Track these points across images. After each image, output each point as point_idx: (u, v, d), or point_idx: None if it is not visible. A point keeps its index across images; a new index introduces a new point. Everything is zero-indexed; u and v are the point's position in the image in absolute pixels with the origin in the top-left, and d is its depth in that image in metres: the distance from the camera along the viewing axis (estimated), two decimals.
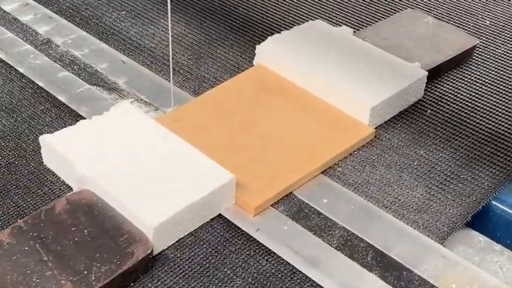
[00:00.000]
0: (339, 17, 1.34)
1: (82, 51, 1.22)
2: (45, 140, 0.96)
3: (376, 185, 0.97)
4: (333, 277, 0.85)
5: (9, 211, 0.92)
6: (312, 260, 0.86)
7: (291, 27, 1.23)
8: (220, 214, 0.93)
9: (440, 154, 1.03)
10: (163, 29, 1.29)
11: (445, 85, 1.17)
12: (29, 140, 1.03)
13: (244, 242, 0.89)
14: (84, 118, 1.05)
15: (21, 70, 1.17)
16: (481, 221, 0.95)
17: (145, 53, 1.22)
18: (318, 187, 0.97)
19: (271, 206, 0.94)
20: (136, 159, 0.93)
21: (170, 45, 1.00)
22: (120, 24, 1.30)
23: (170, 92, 1.07)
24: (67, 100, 1.11)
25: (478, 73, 1.20)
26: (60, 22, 1.30)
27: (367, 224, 0.91)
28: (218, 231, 0.91)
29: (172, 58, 1.20)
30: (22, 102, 1.10)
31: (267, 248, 0.88)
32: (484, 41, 1.28)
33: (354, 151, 1.03)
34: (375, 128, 1.06)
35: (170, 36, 1.00)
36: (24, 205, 0.93)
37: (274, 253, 0.87)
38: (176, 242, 0.89)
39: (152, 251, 0.85)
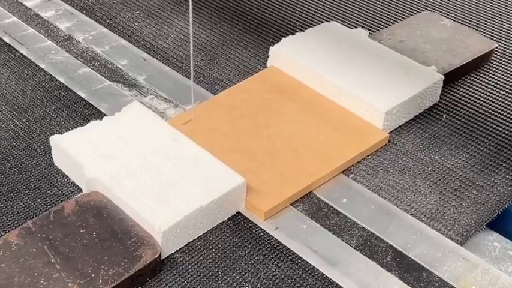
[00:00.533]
0: (355, 18, 1.33)
1: (103, 47, 1.23)
2: (55, 140, 0.96)
3: (389, 191, 0.95)
4: (352, 277, 0.84)
5: (19, 211, 0.92)
6: (332, 260, 0.86)
7: (306, 29, 1.22)
8: (229, 218, 0.92)
9: (456, 160, 1.01)
10: (178, 29, 1.28)
11: (461, 89, 1.15)
12: (40, 140, 1.03)
13: (254, 247, 0.88)
14: (104, 114, 1.06)
15: (42, 66, 1.18)
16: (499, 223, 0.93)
17: (162, 52, 1.23)
18: (337, 186, 0.96)
19: (290, 204, 0.93)
20: (146, 161, 0.93)
21: (191, 42, 1.00)
22: (134, 24, 1.30)
23: (189, 90, 1.07)
24: (87, 96, 1.11)
25: (496, 77, 1.18)
26: (81, 18, 1.31)
27: (386, 224, 0.91)
28: (227, 235, 0.89)
29: (186, 59, 1.20)
30: (34, 102, 1.10)
31: (276, 252, 0.87)
32: (502, 45, 1.25)
33: (367, 156, 1.01)
34: (389, 133, 1.04)
35: (192, 33, 1.00)
36: (34, 206, 0.92)
37: (284, 258, 0.86)
38: (185, 245, 0.88)
39: (160, 254, 0.84)
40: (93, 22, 1.29)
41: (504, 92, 1.14)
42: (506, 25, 1.31)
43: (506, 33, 1.29)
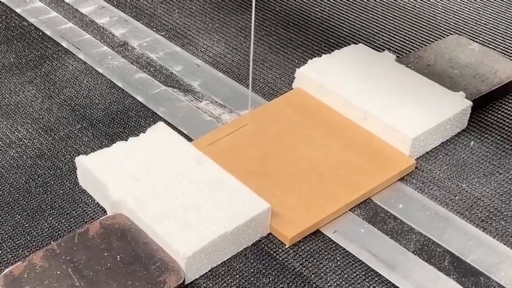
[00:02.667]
0: (382, 41, 1.32)
1: (157, 53, 1.26)
2: (80, 161, 0.96)
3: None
4: (411, 279, 0.86)
5: (43, 232, 0.92)
6: (390, 263, 0.88)
7: (332, 50, 1.21)
8: (254, 243, 0.91)
9: (484, 188, 1.00)
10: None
11: (490, 115, 1.13)
12: (65, 159, 1.03)
13: (278, 274, 0.87)
14: (160, 117, 1.10)
15: (100, 70, 1.21)
16: None
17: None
18: (393, 192, 0.98)
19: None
20: (170, 184, 0.92)
21: (252, 51, 1.01)
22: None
23: (243, 96, 1.09)
24: (144, 100, 1.14)
25: None
26: (135, 25, 1.34)
27: (443, 230, 0.92)
28: (251, 261, 0.89)
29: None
30: (60, 121, 1.11)
31: (300, 281, 0.86)
32: None
33: (393, 183, 1.00)
34: (416, 159, 1.03)
35: (252, 42, 1.03)
36: (58, 226, 0.92)
37: (308, 286, 0.85)
38: (208, 271, 0.87)
39: (184, 280, 0.83)
40: (147, 29, 1.33)
41: None
42: None
43: None
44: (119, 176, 0.93)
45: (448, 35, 1.31)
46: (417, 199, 0.97)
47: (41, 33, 1.31)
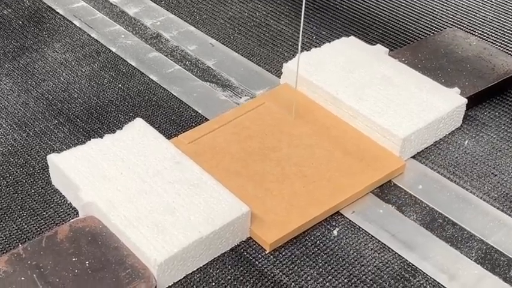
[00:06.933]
0: (374, 34, 1.26)
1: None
2: (52, 159, 0.91)
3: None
4: (431, 261, 0.85)
5: (11, 234, 0.87)
6: (410, 244, 0.87)
7: (323, 43, 1.16)
8: (232, 248, 0.86)
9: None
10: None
11: (486, 113, 1.08)
12: (38, 157, 0.98)
13: (256, 281, 0.82)
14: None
15: (133, 63, 1.17)
16: None
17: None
18: (413, 173, 0.96)
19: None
20: (145, 184, 0.88)
21: (300, 47, 0.96)
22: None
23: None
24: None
25: None
26: (168, 16, 1.30)
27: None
28: (229, 267, 0.84)
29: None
30: (36, 116, 1.06)
31: (279, 287, 0.82)
32: None
33: (381, 185, 0.95)
34: (407, 160, 0.98)
35: (300, 38, 0.97)
36: (27, 228, 0.88)
37: None
38: (183, 278, 0.83)
39: None
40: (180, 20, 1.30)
41: None
42: None
43: None
44: (91, 176, 0.88)
45: (445, 28, 1.26)
46: (436, 180, 0.95)
47: (20, 23, 1.27)
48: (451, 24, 1.28)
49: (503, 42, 1.23)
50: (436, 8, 1.32)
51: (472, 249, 0.86)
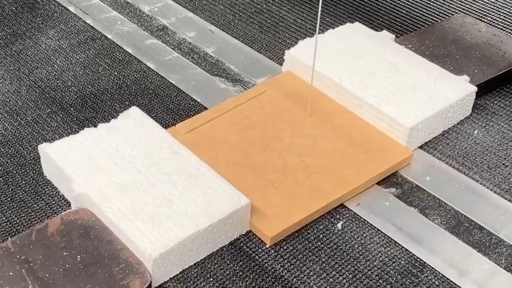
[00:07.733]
0: (380, 20, 1.22)
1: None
2: (44, 149, 0.88)
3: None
4: (440, 256, 0.81)
5: (0, 227, 0.83)
6: (417, 237, 0.84)
7: (326, 30, 1.11)
8: (231, 241, 0.82)
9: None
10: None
11: (496, 102, 1.04)
12: (30, 147, 0.95)
13: (256, 277, 0.79)
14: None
15: (147, 63, 1.12)
16: None
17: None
18: (420, 164, 0.93)
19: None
20: (141, 176, 0.84)
21: (316, 47, 0.92)
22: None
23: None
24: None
25: None
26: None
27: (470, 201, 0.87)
28: (228, 262, 0.80)
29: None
30: (28, 104, 1.02)
31: (280, 285, 0.78)
32: None
33: (387, 177, 0.91)
34: (414, 150, 0.94)
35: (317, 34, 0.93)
36: (17, 221, 0.84)
37: None
38: (179, 273, 0.79)
39: (150, 284, 0.75)
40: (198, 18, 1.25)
41: None
42: None
43: None
44: (84, 167, 0.85)
45: (453, 14, 1.21)
46: (445, 171, 0.91)
47: (13, 9, 1.23)
48: (460, 10, 1.23)
49: None
50: None
51: (483, 243, 0.82)
